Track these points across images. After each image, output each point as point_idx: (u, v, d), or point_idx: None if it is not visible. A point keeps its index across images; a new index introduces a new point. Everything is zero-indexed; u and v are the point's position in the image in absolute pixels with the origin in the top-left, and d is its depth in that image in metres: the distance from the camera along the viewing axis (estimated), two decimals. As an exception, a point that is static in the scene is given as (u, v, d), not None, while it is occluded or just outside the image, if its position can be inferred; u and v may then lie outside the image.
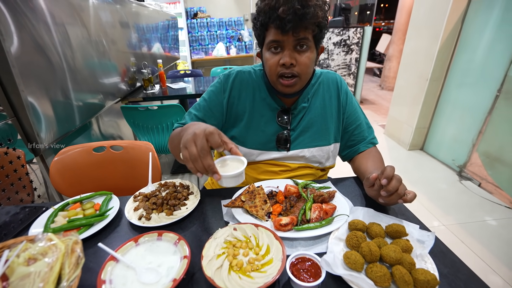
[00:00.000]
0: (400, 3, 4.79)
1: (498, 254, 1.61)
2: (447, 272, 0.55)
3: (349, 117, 0.94)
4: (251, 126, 0.90)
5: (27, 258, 0.48)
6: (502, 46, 2.05)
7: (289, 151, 0.90)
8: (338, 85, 0.93)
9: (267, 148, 0.90)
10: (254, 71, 0.92)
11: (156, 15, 3.06)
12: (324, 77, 0.93)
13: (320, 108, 0.91)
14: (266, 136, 0.90)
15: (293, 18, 0.69)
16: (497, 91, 2.09)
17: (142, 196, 0.78)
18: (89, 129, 1.68)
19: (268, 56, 0.78)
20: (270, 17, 0.71)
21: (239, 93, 0.90)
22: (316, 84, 0.92)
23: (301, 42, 0.74)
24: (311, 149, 0.90)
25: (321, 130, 0.91)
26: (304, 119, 0.90)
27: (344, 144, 0.97)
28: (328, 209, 0.70)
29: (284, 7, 0.68)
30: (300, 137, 0.90)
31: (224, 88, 0.90)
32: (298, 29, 0.71)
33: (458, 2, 2.26)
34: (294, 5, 0.68)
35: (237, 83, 0.90)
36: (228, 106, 0.90)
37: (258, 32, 0.79)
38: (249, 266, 0.54)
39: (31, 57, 1.09)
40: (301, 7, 0.68)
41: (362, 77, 4.33)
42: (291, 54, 0.75)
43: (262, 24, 0.74)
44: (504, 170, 2.07)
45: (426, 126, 2.81)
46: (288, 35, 0.72)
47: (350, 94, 0.95)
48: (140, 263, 0.55)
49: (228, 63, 5.42)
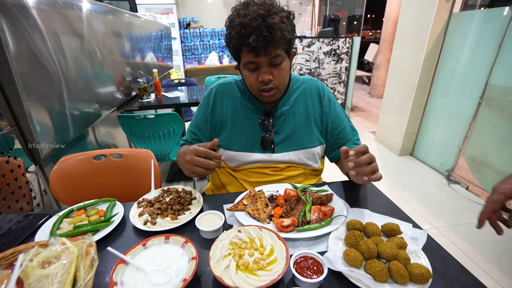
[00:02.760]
0: (386, 15, 4.99)
1: (487, 255, 1.67)
2: (439, 266, 0.59)
3: (333, 122, 0.99)
4: (235, 131, 0.96)
5: (41, 261, 0.49)
6: (482, 55, 2.17)
7: (273, 152, 0.95)
8: (320, 91, 0.99)
9: (252, 150, 0.95)
10: (236, 81, 1.00)
11: (150, 25, 3.10)
12: (307, 84, 0.99)
13: (303, 112, 0.96)
14: (250, 138, 0.95)
15: (263, 45, 0.74)
16: (480, 98, 2.20)
17: (146, 202, 0.80)
18: (85, 138, 1.68)
19: (246, 74, 0.85)
20: (242, 43, 0.77)
21: (221, 103, 0.98)
22: (299, 90, 0.98)
23: (274, 59, 0.80)
24: (297, 152, 0.95)
25: (306, 134, 0.96)
26: (288, 123, 0.95)
27: (330, 147, 1.02)
28: (326, 211, 0.73)
29: (254, 37, 0.73)
30: (286, 141, 0.95)
31: (207, 102, 0.99)
32: (269, 50, 0.77)
33: (440, 14, 2.39)
34: (262, 32, 0.73)
35: (218, 95, 0.98)
36: (212, 117, 0.98)
37: (232, 52, 0.85)
38: (255, 265, 0.56)
39: (31, 67, 1.10)
40: (269, 34, 0.73)
41: (352, 85, 4.46)
42: (268, 71, 0.81)
43: (235, 47, 0.80)
44: (489, 173, 2.17)
45: (415, 132, 2.91)
46: (262, 56, 0.78)
47: (333, 100, 1.01)
48: (149, 265, 0.57)
49: (221, 72, 5.49)
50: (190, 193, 0.85)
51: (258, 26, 0.73)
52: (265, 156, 0.95)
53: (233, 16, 0.79)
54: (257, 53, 0.76)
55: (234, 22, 0.77)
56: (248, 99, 0.96)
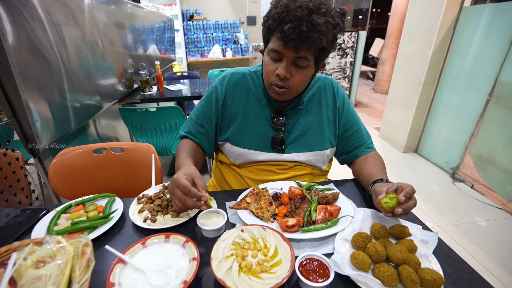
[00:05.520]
0: (393, 9, 4.89)
1: (492, 254, 1.65)
2: (451, 271, 0.57)
3: (346, 123, 0.95)
4: (246, 126, 0.91)
5: (35, 261, 0.47)
6: (492, 51, 2.11)
7: (284, 152, 0.91)
8: (334, 91, 0.94)
9: (262, 149, 0.91)
10: (250, 72, 0.94)
11: (153, 17, 3.05)
12: (321, 82, 0.94)
13: (316, 113, 0.92)
14: (260, 136, 0.90)
15: (296, 38, 0.68)
16: (488, 95, 2.15)
17: (146, 198, 0.78)
18: (86, 130, 1.66)
19: (266, 61, 0.79)
20: (276, 27, 0.72)
21: (232, 94, 0.92)
22: (313, 88, 0.93)
23: (300, 60, 0.74)
24: (307, 153, 0.91)
25: (317, 135, 0.92)
26: (300, 123, 0.91)
27: (342, 150, 0.98)
28: (332, 211, 0.71)
29: (291, 25, 0.68)
30: (296, 141, 0.91)
31: (219, 92, 0.92)
32: (299, 48, 0.71)
33: (450, 8, 2.32)
34: (301, 25, 0.67)
35: (230, 85, 0.92)
36: (223, 108, 0.92)
37: (264, 33, 0.79)
38: (259, 267, 0.54)
39: (30, 58, 1.07)
40: (307, 30, 0.67)
41: (357, 80, 4.39)
42: (288, 67, 0.75)
43: (269, 28, 0.75)
44: (495, 172, 2.13)
45: (420, 129, 2.86)
46: (289, 49, 0.72)
47: (347, 100, 0.97)
48: (148, 266, 0.55)
49: (224, 65, 5.43)
50: (191, 189, 0.83)
51: (300, 17, 0.67)
52: (274, 155, 0.91)
53: None
54: (286, 43, 0.70)
55: (280, 2, 0.71)
56: (262, 93, 0.91)
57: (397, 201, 0.62)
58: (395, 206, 0.62)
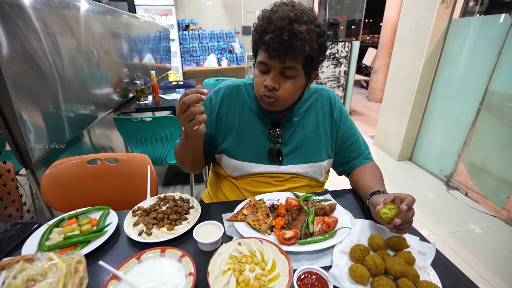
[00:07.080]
0: (385, 20, 5.01)
1: (488, 263, 1.65)
2: (449, 283, 0.57)
3: (344, 134, 0.95)
4: (242, 139, 0.90)
5: (25, 279, 0.46)
6: (481, 62, 2.17)
7: (281, 164, 0.90)
8: (331, 102, 0.95)
9: (259, 161, 0.90)
10: (245, 84, 0.94)
11: (149, 27, 3.07)
12: (318, 94, 0.95)
13: (313, 124, 0.92)
14: (257, 148, 0.90)
15: (279, 48, 0.69)
16: (479, 104, 2.20)
17: (142, 211, 0.76)
18: (80, 140, 1.64)
19: (256, 74, 0.81)
20: (260, 38, 0.73)
21: (228, 106, 0.91)
22: (310, 99, 0.93)
23: (287, 70, 0.74)
24: (304, 165, 0.91)
25: (314, 146, 0.91)
26: (297, 134, 0.91)
27: (340, 161, 0.98)
28: (330, 222, 0.70)
29: (272, 35, 0.69)
30: (293, 153, 0.90)
31: (213, 102, 0.92)
32: (284, 57, 0.71)
33: (440, 20, 2.39)
34: (282, 35, 0.68)
35: (226, 97, 0.92)
36: (217, 119, 0.92)
37: (252, 47, 0.81)
38: (256, 282, 0.53)
39: (24, 68, 1.06)
40: (288, 38, 0.68)
41: (351, 89, 4.45)
42: (275, 78, 0.75)
43: (255, 41, 0.77)
44: (488, 180, 2.15)
45: (413, 137, 2.90)
46: (275, 60, 0.72)
47: (344, 111, 0.97)
48: (143, 282, 0.53)
49: (219, 74, 5.47)
50: (187, 201, 0.82)
51: (281, 27, 0.68)
52: (271, 168, 0.90)
53: (267, 9, 0.75)
54: (270, 54, 0.71)
55: (263, 15, 0.73)
56: (257, 105, 0.91)
57: (396, 212, 0.62)
58: (394, 217, 0.62)
